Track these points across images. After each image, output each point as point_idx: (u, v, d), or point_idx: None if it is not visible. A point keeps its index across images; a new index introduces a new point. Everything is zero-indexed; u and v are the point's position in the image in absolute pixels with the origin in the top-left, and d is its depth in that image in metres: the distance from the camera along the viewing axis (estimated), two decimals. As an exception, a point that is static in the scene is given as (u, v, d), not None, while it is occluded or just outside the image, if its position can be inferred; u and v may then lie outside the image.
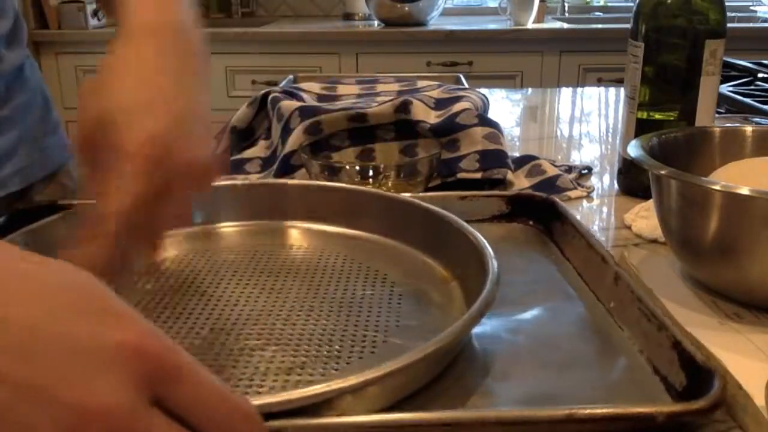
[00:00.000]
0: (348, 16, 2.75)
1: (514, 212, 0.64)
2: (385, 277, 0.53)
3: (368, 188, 0.64)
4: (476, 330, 0.44)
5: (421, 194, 0.65)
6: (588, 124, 1.12)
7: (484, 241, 0.50)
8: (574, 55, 2.42)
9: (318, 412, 0.34)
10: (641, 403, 0.36)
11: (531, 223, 0.63)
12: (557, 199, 0.63)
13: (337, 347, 0.44)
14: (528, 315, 0.49)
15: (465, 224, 0.54)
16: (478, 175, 0.74)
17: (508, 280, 0.54)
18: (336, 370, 0.41)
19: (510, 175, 0.74)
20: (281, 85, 1.01)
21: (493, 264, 0.47)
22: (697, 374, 0.38)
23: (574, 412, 0.34)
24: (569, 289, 0.53)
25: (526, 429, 0.35)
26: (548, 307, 0.50)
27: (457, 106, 0.79)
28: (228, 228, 0.62)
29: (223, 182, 0.63)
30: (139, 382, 0.26)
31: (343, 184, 0.65)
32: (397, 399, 0.38)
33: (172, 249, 0.58)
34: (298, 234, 0.62)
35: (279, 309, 0.48)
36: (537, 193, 0.65)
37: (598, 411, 0.34)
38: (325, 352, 0.43)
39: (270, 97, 0.85)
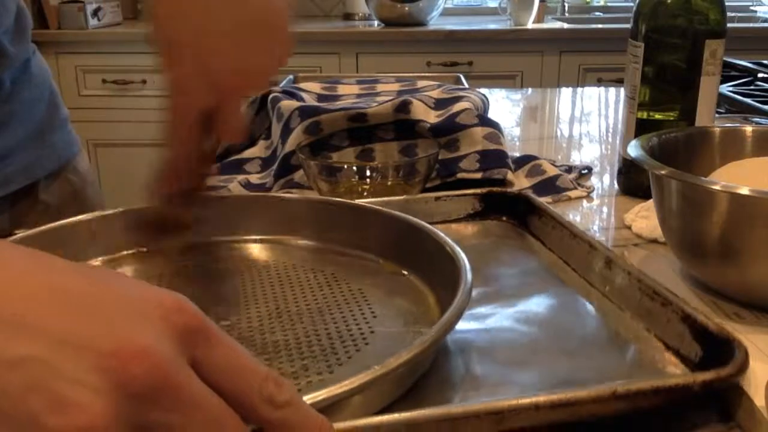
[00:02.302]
0: (348, 16, 2.74)
1: (488, 209, 0.65)
2: (347, 280, 0.52)
3: (333, 198, 0.62)
4: (490, 324, 0.45)
5: (396, 198, 0.65)
6: (588, 124, 1.12)
7: (444, 235, 0.51)
8: (574, 55, 2.41)
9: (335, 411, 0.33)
10: (672, 376, 0.37)
11: (504, 219, 0.65)
12: (531, 194, 0.64)
13: (329, 346, 0.43)
14: (533, 305, 0.49)
15: (421, 222, 0.54)
16: (478, 175, 0.74)
17: (499, 273, 0.55)
18: (340, 365, 0.41)
19: (510, 175, 0.73)
20: (281, 85, 1.01)
21: (457, 251, 0.48)
22: (712, 343, 0.39)
23: (615, 389, 0.35)
24: (560, 278, 0.54)
25: (570, 410, 0.35)
26: (547, 296, 0.51)
27: (457, 106, 0.78)
28: (183, 245, 0.58)
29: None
30: (178, 338, 0.25)
31: (306, 196, 0.63)
32: (400, 394, 0.38)
33: (128, 269, 0.55)
34: (258, 248, 0.59)
35: (252, 321, 0.47)
36: (509, 190, 0.66)
37: (640, 386, 0.36)
38: (320, 352, 0.42)
39: (270, 97, 0.85)
